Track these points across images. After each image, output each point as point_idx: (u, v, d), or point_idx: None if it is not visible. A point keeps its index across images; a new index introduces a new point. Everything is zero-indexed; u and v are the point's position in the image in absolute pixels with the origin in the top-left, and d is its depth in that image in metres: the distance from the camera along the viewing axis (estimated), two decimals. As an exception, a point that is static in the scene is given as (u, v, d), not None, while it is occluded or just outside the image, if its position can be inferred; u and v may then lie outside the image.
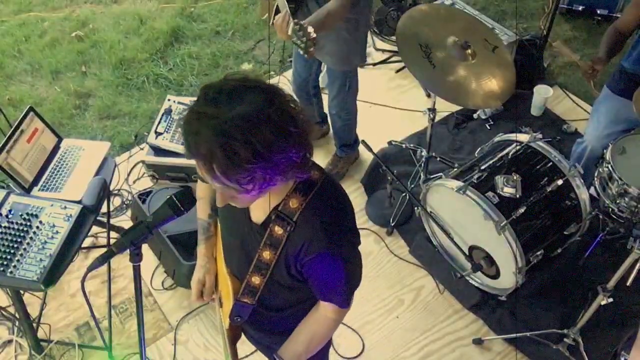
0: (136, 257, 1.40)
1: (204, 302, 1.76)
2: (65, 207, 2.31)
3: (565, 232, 2.61)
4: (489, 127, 3.57)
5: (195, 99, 1.22)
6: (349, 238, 1.43)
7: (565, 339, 2.52)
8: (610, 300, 2.26)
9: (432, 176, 2.98)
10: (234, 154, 1.14)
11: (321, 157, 3.36)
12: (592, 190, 2.63)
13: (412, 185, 3.17)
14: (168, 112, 3.28)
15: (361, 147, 3.06)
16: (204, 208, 1.71)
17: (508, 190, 2.47)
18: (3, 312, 2.71)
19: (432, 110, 2.81)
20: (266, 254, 1.41)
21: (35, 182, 2.65)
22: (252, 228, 1.46)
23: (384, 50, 4.08)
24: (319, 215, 1.36)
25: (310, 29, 2.18)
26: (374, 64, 4.01)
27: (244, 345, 2.04)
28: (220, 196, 1.30)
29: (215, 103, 1.17)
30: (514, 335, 2.62)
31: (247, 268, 1.48)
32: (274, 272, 1.45)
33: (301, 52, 2.24)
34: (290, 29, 2.24)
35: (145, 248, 1.41)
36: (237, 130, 1.13)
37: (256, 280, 1.48)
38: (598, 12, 4.19)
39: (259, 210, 1.44)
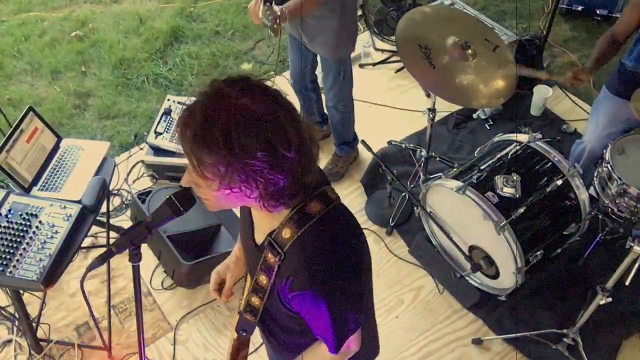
0: (135, 257, 1.39)
1: (221, 299, 1.71)
2: (65, 207, 2.31)
3: (564, 232, 2.61)
4: (488, 127, 3.57)
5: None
6: (339, 281, 1.28)
7: (564, 339, 2.52)
8: (609, 299, 2.27)
9: (431, 176, 2.99)
10: (209, 130, 1.12)
11: (321, 158, 3.36)
12: (591, 190, 2.63)
13: (412, 185, 3.17)
14: (168, 112, 3.28)
15: (361, 147, 3.06)
16: None
17: (508, 190, 2.47)
18: (3, 312, 2.71)
19: (432, 110, 2.81)
20: (262, 278, 1.35)
21: (34, 181, 2.65)
22: (254, 247, 1.43)
23: (383, 50, 4.08)
24: (307, 251, 1.26)
25: (276, 8, 2.28)
26: (374, 64, 4.01)
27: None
28: (185, 176, 1.26)
29: (232, 85, 1.17)
30: (513, 335, 2.62)
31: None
32: (270, 298, 1.38)
33: (270, 32, 2.36)
34: (260, 12, 2.33)
35: (144, 248, 1.41)
36: (227, 116, 1.13)
37: (255, 301, 1.43)
38: (598, 12, 4.19)
39: (259, 231, 1.40)
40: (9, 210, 2.27)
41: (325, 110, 3.28)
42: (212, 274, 1.71)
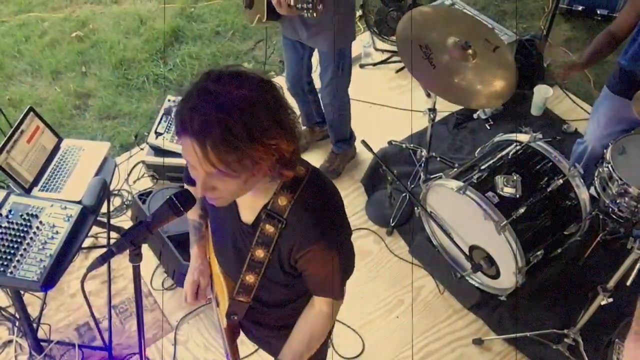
0: (136, 257, 1.40)
1: (199, 303, 1.76)
2: (65, 208, 2.31)
3: (565, 232, 2.61)
4: (489, 127, 3.57)
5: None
6: (341, 228, 1.45)
7: (565, 339, 2.52)
8: (610, 300, 2.27)
9: (432, 176, 2.98)
10: (230, 133, 1.14)
11: (319, 157, 3.37)
12: (592, 190, 2.63)
13: (412, 186, 3.17)
14: (168, 112, 3.28)
15: (361, 147, 3.06)
16: (195, 208, 1.69)
17: (508, 190, 2.47)
18: (3, 313, 2.71)
19: (432, 110, 2.81)
20: (259, 253, 1.42)
21: (35, 182, 2.65)
22: (243, 228, 1.46)
23: (384, 51, 4.08)
24: (309, 210, 1.36)
25: None
26: (375, 64, 4.01)
27: (244, 346, 2.04)
28: (201, 185, 1.24)
29: (218, 82, 1.19)
30: (514, 335, 2.62)
31: (240, 267, 1.49)
32: (268, 270, 1.46)
33: (308, 15, 2.30)
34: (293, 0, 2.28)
35: (145, 248, 1.41)
36: (236, 110, 1.15)
37: (250, 278, 1.49)
38: (598, 12, 4.19)
39: (248, 210, 1.44)
40: (10, 211, 2.27)
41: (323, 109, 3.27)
42: (187, 285, 1.73)
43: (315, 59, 3.05)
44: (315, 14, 2.30)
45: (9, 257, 2.15)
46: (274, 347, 1.68)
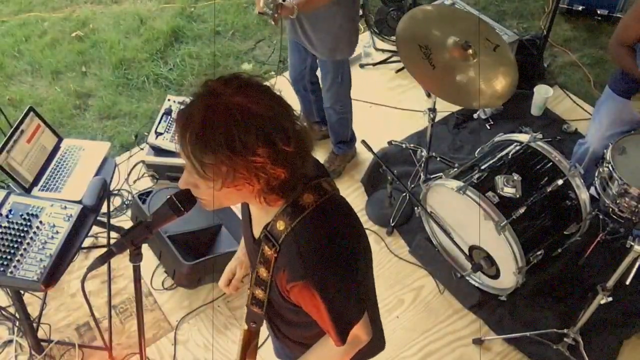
0: (136, 257, 1.40)
1: (230, 292, 1.73)
2: (66, 207, 2.31)
3: (565, 232, 2.61)
4: (489, 127, 3.57)
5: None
6: (333, 270, 1.29)
7: (565, 339, 2.52)
8: (610, 299, 2.26)
9: (432, 176, 2.99)
10: (208, 133, 1.13)
11: (319, 157, 3.33)
12: (592, 190, 2.63)
13: (412, 185, 3.17)
14: (168, 112, 3.28)
15: (361, 147, 3.07)
16: None
17: (508, 190, 2.47)
18: (3, 312, 2.71)
19: (433, 110, 2.81)
20: (262, 271, 1.36)
21: (35, 182, 2.65)
22: (252, 242, 1.44)
23: (384, 50, 4.08)
24: (299, 242, 1.27)
25: None
26: (375, 64, 4.01)
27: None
28: (183, 178, 1.27)
29: (226, 84, 1.18)
30: (514, 335, 2.62)
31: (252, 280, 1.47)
32: (271, 291, 1.40)
33: (269, 20, 2.41)
34: (262, 1, 2.39)
35: (145, 248, 1.41)
36: (226, 115, 1.14)
37: (259, 294, 1.43)
38: (598, 12, 4.19)
39: (257, 225, 1.41)
40: (10, 211, 2.27)
41: (325, 110, 3.28)
42: (225, 272, 1.72)
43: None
44: (273, 22, 2.41)
45: (9, 256, 2.15)
46: (293, 353, 1.64)
